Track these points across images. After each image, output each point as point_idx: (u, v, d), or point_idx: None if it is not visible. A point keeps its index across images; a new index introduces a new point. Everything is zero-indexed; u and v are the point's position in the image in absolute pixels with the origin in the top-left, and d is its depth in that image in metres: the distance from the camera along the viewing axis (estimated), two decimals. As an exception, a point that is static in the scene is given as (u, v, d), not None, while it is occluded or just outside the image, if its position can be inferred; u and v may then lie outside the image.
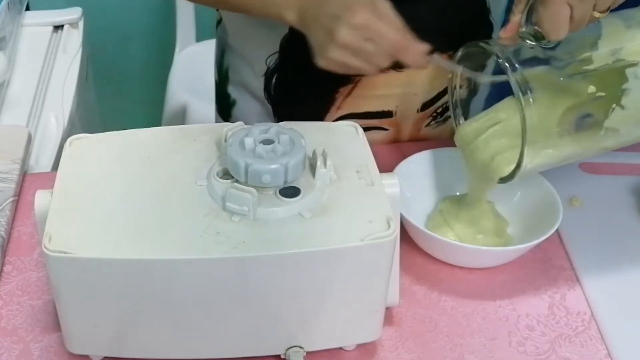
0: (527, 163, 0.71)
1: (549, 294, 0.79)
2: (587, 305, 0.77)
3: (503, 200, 0.86)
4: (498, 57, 0.71)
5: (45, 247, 0.60)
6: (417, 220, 0.80)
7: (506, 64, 0.70)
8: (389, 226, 0.63)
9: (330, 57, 0.72)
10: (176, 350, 0.68)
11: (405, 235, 0.81)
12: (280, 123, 0.70)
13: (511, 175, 0.74)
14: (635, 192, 0.91)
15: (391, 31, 0.71)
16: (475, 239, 0.81)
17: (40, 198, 0.65)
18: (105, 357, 0.69)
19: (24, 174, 0.93)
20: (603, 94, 0.71)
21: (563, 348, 0.73)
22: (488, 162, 0.77)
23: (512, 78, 0.69)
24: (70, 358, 0.70)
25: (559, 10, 0.68)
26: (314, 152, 0.67)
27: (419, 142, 0.98)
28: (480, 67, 0.78)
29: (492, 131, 0.77)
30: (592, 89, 0.71)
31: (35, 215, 0.65)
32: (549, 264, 0.82)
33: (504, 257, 0.80)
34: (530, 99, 0.69)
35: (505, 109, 0.77)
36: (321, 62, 0.73)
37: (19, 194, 0.89)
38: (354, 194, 0.66)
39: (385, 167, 0.74)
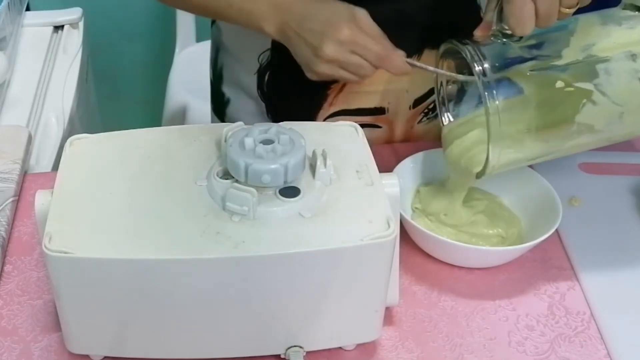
0: (494, 160, 0.73)
1: (548, 294, 0.79)
2: (587, 305, 0.78)
3: (503, 200, 0.86)
4: (466, 56, 0.72)
5: (45, 247, 0.60)
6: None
7: (473, 63, 0.71)
8: (389, 226, 0.63)
9: (318, 71, 0.76)
10: (176, 350, 0.68)
11: (405, 235, 0.81)
12: (280, 123, 0.71)
13: (482, 172, 0.75)
14: (635, 192, 0.91)
15: (374, 43, 0.75)
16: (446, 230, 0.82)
17: (41, 198, 0.65)
18: (105, 357, 0.69)
19: (24, 174, 0.93)
20: (572, 89, 0.72)
21: (562, 348, 0.73)
22: (463, 158, 0.78)
23: (477, 75, 0.71)
24: (70, 358, 0.70)
25: (522, 5, 0.69)
26: (314, 152, 0.67)
27: (418, 143, 0.98)
28: (467, 64, 0.79)
29: (469, 130, 0.79)
30: (560, 84, 0.72)
31: (35, 215, 0.65)
32: (548, 264, 0.82)
33: (503, 257, 0.80)
34: (495, 95, 0.70)
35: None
36: (309, 75, 0.78)
37: (19, 194, 0.89)
38: (354, 194, 0.66)
39: (385, 167, 0.74)
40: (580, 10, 0.72)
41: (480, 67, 0.71)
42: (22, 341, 0.72)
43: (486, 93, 0.70)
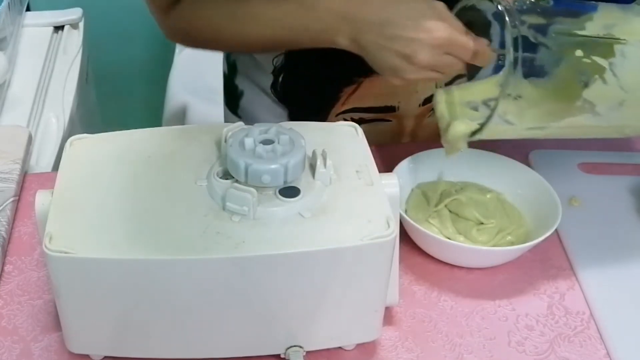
0: (497, 118, 0.71)
1: (548, 294, 0.79)
2: (586, 305, 0.78)
3: (506, 198, 0.86)
4: (498, 3, 0.70)
5: (45, 247, 0.60)
6: (417, 220, 0.80)
7: (497, 4, 0.69)
8: (389, 226, 0.63)
9: (410, 78, 0.73)
10: (176, 350, 0.68)
11: (405, 235, 0.81)
12: (280, 123, 0.71)
13: (480, 130, 0.74)
14: (634, 192, 0.91)
15: (468, 41, 0.71)
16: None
17: (41, 198, 0.65)
18: (106, 357, 0.69)
19: (24, 174, 0.93)
20: (589, 60, 0.71)
21: (562, 348, 0.73)
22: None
23: (505, 13, 0.69)
24: (71, 358, 0.70)
25: None
26: (313, 152, 0.67)
27: (418, 142, 0.98)
28: (482, 25, 0.78)
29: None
30: (579, 52, 0.72)
31: (35, 215, 0.65)
32: (548, 264, 0.82)
33: (503, 257, 0.80)
34: (519, 32, 0.68)
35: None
36: (395, 81, 0.74)
37: (19, 194, 0.89)
38: (354, 193, 0.66)
39: (385, 167, 0.74)
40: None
41: (504, 8, 0.68)
42: (22, 341, 0.72)
43: (511, 26, 0.67)
